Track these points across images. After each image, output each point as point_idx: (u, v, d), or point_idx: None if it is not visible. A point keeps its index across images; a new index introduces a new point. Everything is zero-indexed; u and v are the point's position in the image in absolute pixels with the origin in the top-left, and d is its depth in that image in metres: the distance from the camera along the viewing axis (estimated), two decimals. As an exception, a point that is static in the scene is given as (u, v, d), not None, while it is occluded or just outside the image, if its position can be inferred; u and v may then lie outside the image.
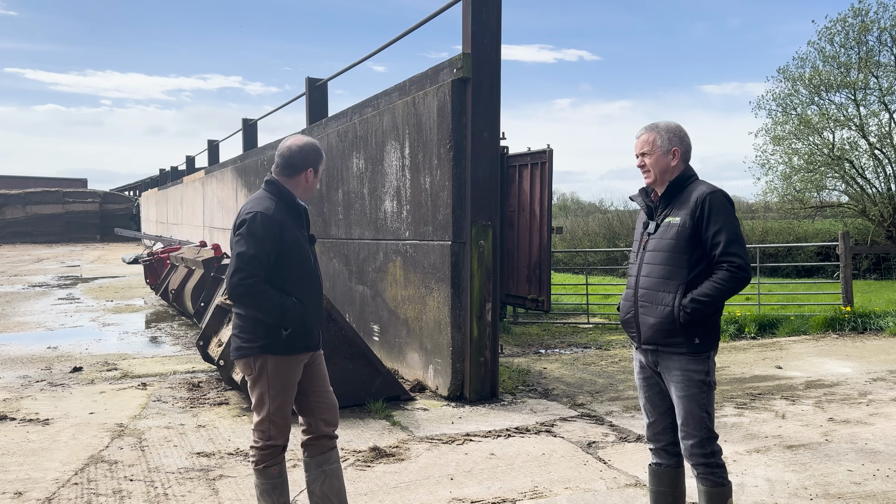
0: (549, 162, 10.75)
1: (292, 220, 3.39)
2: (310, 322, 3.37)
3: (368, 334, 8.13)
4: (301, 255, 3.37)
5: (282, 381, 3.35)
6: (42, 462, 4.89)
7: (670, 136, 3.32)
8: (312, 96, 10.87)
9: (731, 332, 10.13)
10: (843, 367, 7.75)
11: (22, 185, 46.59)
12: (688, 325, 3.16)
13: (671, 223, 3.24)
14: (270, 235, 3.24)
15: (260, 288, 3.20)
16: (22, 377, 7.54)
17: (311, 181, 3.51)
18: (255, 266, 3.20)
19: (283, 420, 3.40)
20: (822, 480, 4.46)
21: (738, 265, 3.12)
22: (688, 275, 3.19)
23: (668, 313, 3.19)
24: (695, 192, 3.24)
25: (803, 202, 26.19)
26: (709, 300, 3.13)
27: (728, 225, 3.15)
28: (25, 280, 18.84)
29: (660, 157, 3.31)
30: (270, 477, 3.42)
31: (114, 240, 39.85)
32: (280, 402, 3.37)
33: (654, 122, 3.37)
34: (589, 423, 5.77)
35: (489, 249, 6.37)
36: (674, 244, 3.21)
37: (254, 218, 3.25)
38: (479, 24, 6.25)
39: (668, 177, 3.32)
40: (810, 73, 24.29)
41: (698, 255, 3.19)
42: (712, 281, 3.14)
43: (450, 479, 4.54)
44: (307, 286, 3.41)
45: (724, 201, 3.20)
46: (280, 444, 3.43)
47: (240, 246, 3.25)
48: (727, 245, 3.13)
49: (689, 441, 3.22)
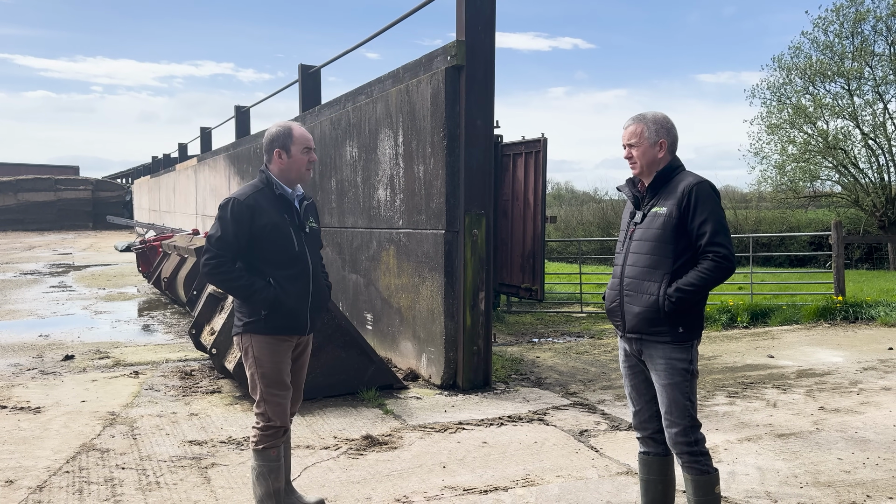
0: (544, 151, 10.72)
1: (271, 206, 3.52)
2: (291, 305, 3.47)
3: (362, 323, 8.13)
4: (279, 238, 3.50)
5: (266, 361, 3.47)
6: (33, 450, 4.87)
7: (657, 127, 3.33)
8: (305, 84, 10.81)
9: (724, 322, 10.16)
10: (834, 357, 7.79)
11: (13, 171, 46.26)
12: (672, 314, 3.18)
13: (658, 213, 3.25)
14: (239, 219, 3.43)
15: (225, 268, 3.40)
16: (13, 365, 7.52)
17: (287, 161, 3.60)
18: (220, 247, 3.41)
19: (276, 400, 3.50)
20: (813, 469, 4.48)
21: (723, 255, 3.14)
22: (673, 264, 3.20)
23: (652, 302, 3.21)
24: (681, 182, 3.25)
25: (797, 192, 26.24)
26: (693, 289, 3.15)
27: (714, 215, 3.17)
28: (17, 268, 18.75)
29: (647, 148, 3.32)
30: (268, 459, 3.49)
31: (106, 227, 39.66)
32: (269, 382, 3.48)
33: (642, 113, 3.38)
34: (581, 412, 5.78)
35: (482, 238, 6.36)
36: (660, 234, 3.22)
37: (226, 203, 3.47)
38: (474, 11, 6.21)
39: (655, 168, 3.33)
40: (804, 62, 24.29)
41: (684, 244, 3.21)
42: (697, 270, 3.16)
43: (442, 468, 4.55)
44: (288, 269, 3.51)
45: (710, 192, 3.22)
46: (278, 425, 3.51)
47: (212, 230, 3.50)
48: (713, 235, 3.14)
49: (672, 429, 3.24)
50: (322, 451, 4.84)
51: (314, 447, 4.92)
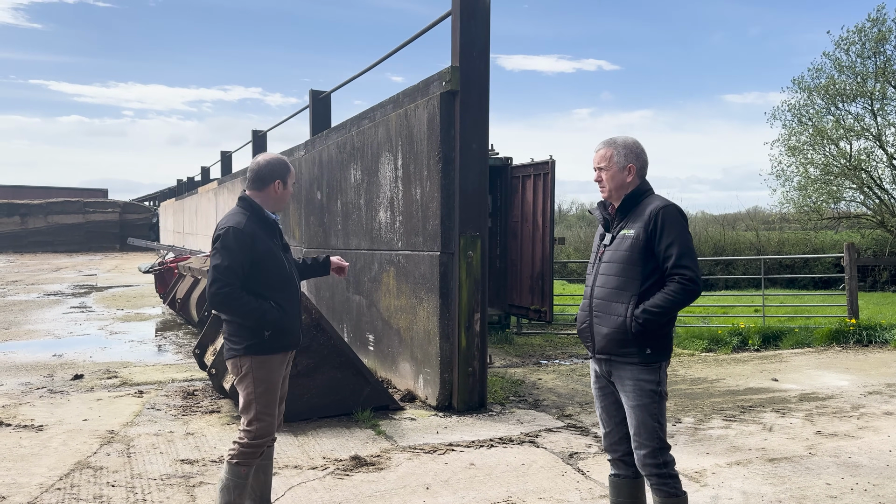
0: (552, 173, 10.78)
1: (263, 232, 3.68)
2: (288, 322, 3.64)
3: (364, 344, 8.20)
4: (275, 263, 3.66)
5: (265, 379, 3.59)
6: (30, 467, 4.99)
7: (626, 152, 3.38)
8: (316, 108, 11.01)
9: (734, 344, 10.06)
10: (840, 381, 7.67)
11: (44, 195, 47.37)
12: (639, 336, 3.20)
13: (626, 235, 3.30)
14: (243, 247, 3.54)
15: (236, 295, 3.50)
16: (24, 384, 7.69)
17: (281, 192, 3.79)
18: (229, 276, 3.50)
19: (270, 418, 3.62)
20: (799, 493, 4.43)
21: (689, 277, 3.17)
22: (640, 286, 3.23)
23: (620, 323, 3.24)
24: (649, 206, 3.29)
25: (820, 213, 25.90)
26: (660, 311, 3.17)
27: (680, 238, 3.20)
28: (42, 289, 19.16)
29: (616, 172, 3.37)
30: (238, 476, 3.58)
31: (132, 249, 40.36)
32: (266, 401, 3.61)
33: (612, 138, 3.44)
34: (574, 434, 5.77)
35: (477, 260, 6.41)
36: (628, 256, 3.26)
37: (227, 232, 3.57)
38: (468, 38, 6.32)
39: (624, 191, 3.38)
40: (826, 82, 24.09)
41: (651, 267, 3.24)
42: (664, 293, 3.19)
43: (425, 489, 4.57)
44: (283, 290, 3.69)
45: (676, 215, 3.25)
46: (262, 446, 3.62)
47: (215, 259, 3.56)
48: (679, 258, 3.17)
49: (641, 451, 3.25)
50: (309, 472, 4.89)
51: (302, 467, 4.98)
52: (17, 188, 50.51)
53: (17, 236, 40.71)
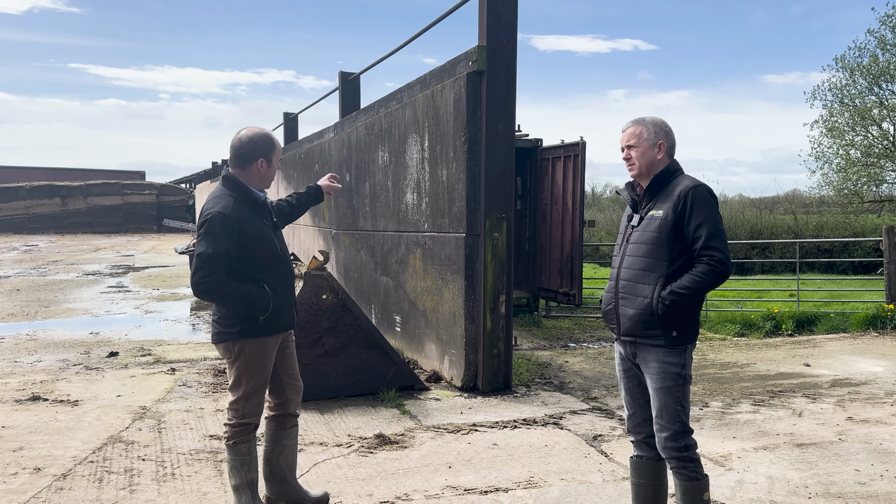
0: (582, 155, 10.68)
1: (252, 213, 3.56)
2: (280, 304, 3.59)
3: (391, 325, 8.25)
4: (265, 244, 3.57)
5: (258, 362, 3.58)
6: (65, 441, 5.14)
7: (657, 129, 3.34)
8: (345, 90, 11.03)
9: (768, 329, 9.91)
10: (874, 367, 7.52)
11: (84, 177, 48.35)
12: (666, 318, 3.17)
13: (654, 216, 3.25)
14: (229, 233, 3.42)
15: (221, 283, 3.39)
16: (61, 360, 7.91)
17: (265, 171, 3.63)
18: (213, 263, 3.38)
19: (257, 399, 3.62)
20: (826, 479, 4.36)
21: (718, 259, 3.12)
22: (668, 267, 3.19)
23: (646, 305, 3.20)
24: (678, 186, 3.24)
25: (861, 196, 25.30)
26: (688, 293, 3.13)
27: (710, 219, 3.15)
28: (80, 268, 19.61)
29: (647, 149, 3.33)
30: (240, 453, 3.61)
31: (169, 231, 41.04)
32: (256, 383, 3.59)
33: (641, 117, 3.41)
34: (598, 417, 5.75)
35: (503, 242, 6.39)
36: (656, 237, 3.22)
37: (213, 218, 3.43)
38: (495, 16, 6.26)
39: (654, 170, 3.33)
40: (869, 61, 23.41)
41: (679, 248, 3.19)
42: (692, 274, 3.14)
43: (448, 468, 4.60)
44: (276, 271, 3.62)
45: (706, 196, 3.20)
46: (252, 422, 3.62)
47: (200, 246, 3.43)
48: (708, 239, 3.12)
49: (663, 434, 3.22)
50: (334, 449, 4.96)
51: (328, 444, 5.05)
52: (57, 170, 51.59)
53: (58, 217, 41.65)
